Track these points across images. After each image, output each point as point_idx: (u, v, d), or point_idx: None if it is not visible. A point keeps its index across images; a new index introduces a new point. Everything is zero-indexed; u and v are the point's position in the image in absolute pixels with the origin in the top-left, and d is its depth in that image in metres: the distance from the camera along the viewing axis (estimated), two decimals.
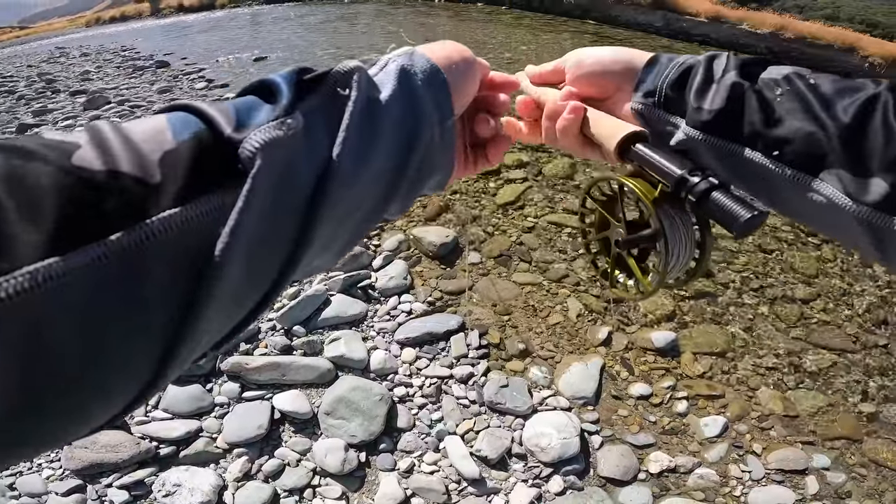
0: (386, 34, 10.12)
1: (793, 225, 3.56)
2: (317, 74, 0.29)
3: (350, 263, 2.65)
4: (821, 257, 3.28)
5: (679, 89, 0.41)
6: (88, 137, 0.21)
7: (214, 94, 6.14)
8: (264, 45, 9.64)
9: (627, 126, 0.43)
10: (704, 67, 0.40)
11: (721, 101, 0.38)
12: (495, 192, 3.54)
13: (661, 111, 0.42)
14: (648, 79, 0.43)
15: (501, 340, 2.34)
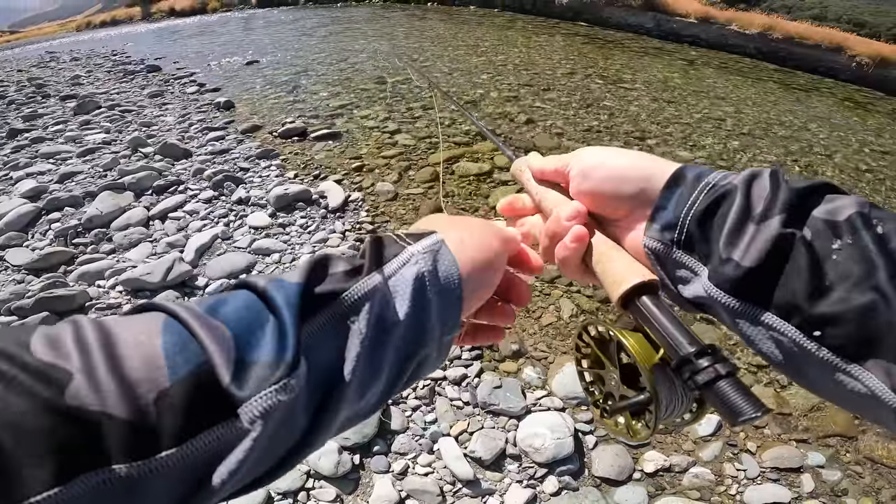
0: (380, 39, 10.12)
1: None
2: (325, 293, 0.29)
3: None
4: None
5: (706, 224, 0.33)
6: (80, 364, 0.21)
7: (206, 98, 6.11)
8: (256, 48, 9.60)
9: (636, 270, 0.37)
10: (742, 196, 0.32)
11: (758, 256, 0.30)
12: (488, 195, 3.54)
13: (681, 251, 0.35)
14: (669, 206, 0.35)
15: (495, 343, 2.34)
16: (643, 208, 0.37)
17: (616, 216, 0.40)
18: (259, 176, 3.75)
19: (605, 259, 0.38)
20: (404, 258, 0.32)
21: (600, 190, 0.40)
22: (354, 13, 14.92)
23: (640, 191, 0.38)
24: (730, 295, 0.31)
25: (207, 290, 2.52)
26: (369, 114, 5.14)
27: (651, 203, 0.37)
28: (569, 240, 0.39)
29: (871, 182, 4.73)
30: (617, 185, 0.39)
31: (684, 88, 7.42)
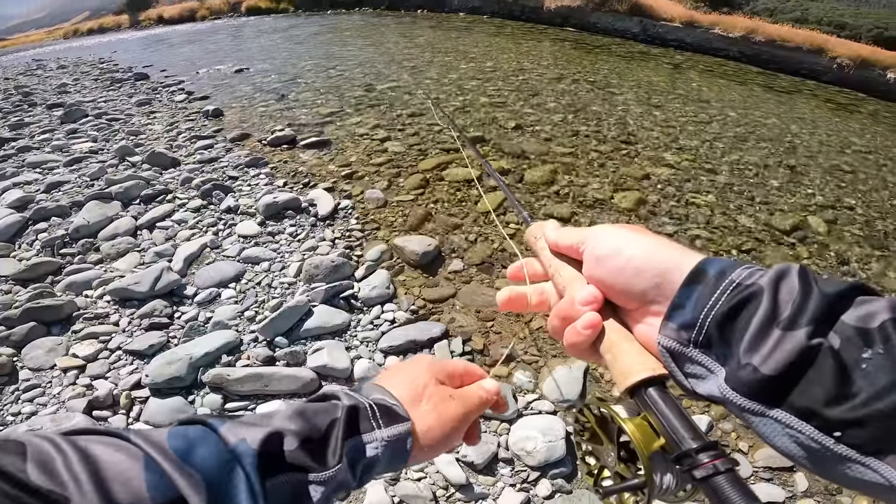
0: (369, 46, 10.14)
1: (768, 225, 3.65)
2: (294, 463, 0.36)
3: (332, 274, 2.64)
4: (796, 255, 3.36)
5: (727, 327, 0.32)
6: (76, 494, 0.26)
7: (194, 106, 6.09)
8: (245, 56, 9.61)
9: (646, 363, 0.36)
10: (768, 300, 0.30)
11: (780, 365, 0.29)
12: (477, 200, 3.56)
13: (697, 350, 0.33)
14: (687, 305, 0.34)
15: (485, 346, 2.35)
16: (657, 303, 0.36)
17: (628, 307, 0.39)
18: (248, 184, 3.74)
19: (616, 348, 0.37)
20: (369, 440, 0.40)
21: (613, 281, 0.38)
22: (345, 20, 14.95)
23: (655, 286, 0.36)
24: (746, 398, 0.30)
25: (196, 299, 2.51)
26: (359, 121, 5.14)
27: (666, 298, 0.35)
28: (581, 326, 0.38)
29: (854, 182, 4.81)
30: (631, 278, 0.37)
31: (670, 92, 7.52)
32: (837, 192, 4.47)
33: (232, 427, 0.35)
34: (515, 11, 16.18)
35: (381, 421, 0.41)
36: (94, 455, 0.28)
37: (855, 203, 4.31)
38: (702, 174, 4.40)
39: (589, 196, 3.75)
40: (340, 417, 0.39)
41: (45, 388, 2.08)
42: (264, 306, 2.47)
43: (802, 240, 3.55)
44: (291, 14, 19.37)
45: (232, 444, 0.33)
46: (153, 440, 0.31)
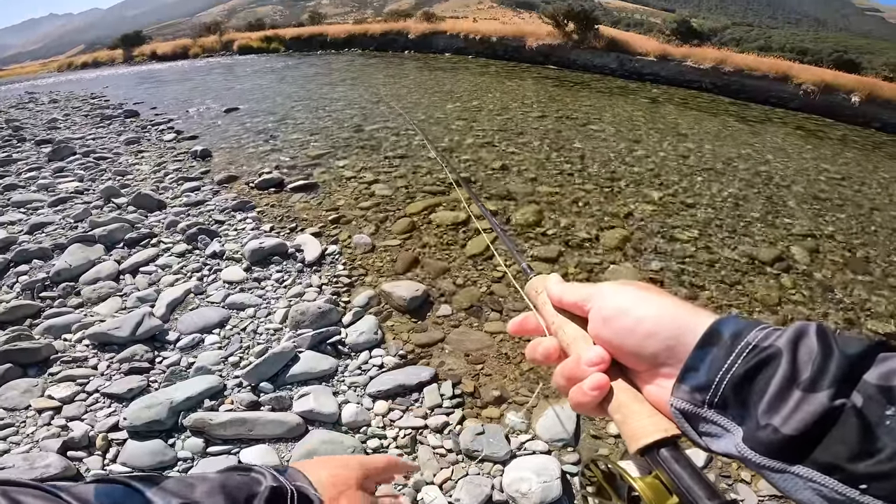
0: (358, 87, 10.40)
1: (751, 257, 3.71)
2: None
3: (319, 321, 2.61)
4: (781, 285, 3.41)
5: (744, 389, 0.31)
6: None
7: (183, 146, 6.13)
8: (236, 95, 9.76)
9: (658, 424, 0.35)
10: (787, 362, 0.30)
11: (801, 426, 0.28)
12: (464, 244, 3.58)
13: (712, 411, 0.33)
14: (702, 368, 0.33)
15: (476, 389, 2.31)
16: (668, 366, 0.35)
17: (637, 368, 0.38)
18: (234, 229, 3.73)
19: (626, 409, 0.37)
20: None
21: (622, 342, 0.37)
22: (335, 61, 15.35)
23: (666, 348, 0.35)
24: (765, 457, 0.30)
25: (179, 344, 2.47)
26: (347, 163, 5.20)
27: (678, 360, 0.34)
28: (588, 387, 0.37)
29: (831, 209, 4.95)
30: (641, 340, 0.36)
31: (649, 127, 7.77)
32: (816, 221, 4.59)
33: (157, 492, 0.34)
34: (499, 51, 16.80)
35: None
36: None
37: (834, 230, 4.42)
38: (683, 209, 4.50)
39: (576, 236, 3.80)
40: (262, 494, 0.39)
41: (18, 428, 2.03)
42: (249, 352, 2.43)
43: (786, 270, 3.61)
44: (283, 54, 19.88)
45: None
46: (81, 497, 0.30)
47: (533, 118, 7.57)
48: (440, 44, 18.56)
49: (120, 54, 26.80)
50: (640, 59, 14.38)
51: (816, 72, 12.62)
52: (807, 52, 17.24)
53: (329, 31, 22.25)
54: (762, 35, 17.44)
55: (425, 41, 18.99)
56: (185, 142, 6.40)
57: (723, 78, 13.00)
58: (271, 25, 30.37)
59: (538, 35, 16.26)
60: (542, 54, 15.90)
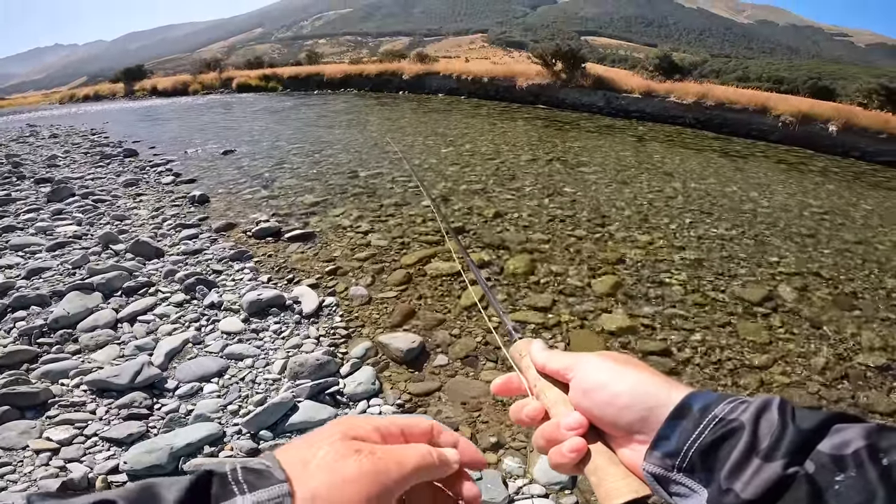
0: (354, 129, 10.66)
1: (740, 298, 3.80)
2: None
3: (317, 372, 2.64)
4: (770, 325, 3.47)
5: (709, 456, 0.35)
6: None
7: (181, 190, 6.22)
8: (233, 136, 9.96)
9: (631, 485, 0.38)
10: (749, 434, 0.34)
11: (758, 489, 0.31)
12: (459, 295, 3.64)
13: (681, 474, 0.36)
14: (672, 437, 0.37)
15: (472, 435, 2.34)
16: (642, 434, 0.39)
17: (613, 434, 0.41)
18: (232, 279, 3.77)
19: (601, 472, 0.40)
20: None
21: (600, 412, 0.41)
22: (331, 102, 15.75)
23: (641, 419, 0.39)
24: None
25: (177, 392, 2.51)
26: (343, 212, 5.29)
27: (651, 430, 0.38)
28: (566, 449, 0.41)
29: (816, 245, 5.08)
30: (618, 411, 0.40)
31: (637, 167, 8.01)
32: (801, 258, 4.70)
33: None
34: (490, 91, 17.34)
35: (246, 485, 0.29)
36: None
37: (819, 266, 4.53)
38: (673, 252, 4.61)
39: (568, 284, 3.87)
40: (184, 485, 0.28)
41: (15, 467, 2.05)
42: (248, 401, 2.46)
43: (775, 309, 3.69)
44: (280, 93, 20.39)
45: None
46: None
47: (524, 161, 7.78)
48: (433, 84, 19.17)
49: (121, 88, 27.25)
50: (625, 97, 14.88)
51: (794, 102, 12.99)
52: (783, 81, 17.93)
53: (326, 71, 22.91)
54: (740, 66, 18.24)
55: (419, 82, 19.61)
56: (183, 185, 6.49)
57: (705, 112, 13.45)
58: (269, 64, 31.25)
59: (528, 75, 16.80)
60: (533, 94, 16.41)
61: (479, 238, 4.68)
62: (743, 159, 9.70)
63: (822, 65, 59.44)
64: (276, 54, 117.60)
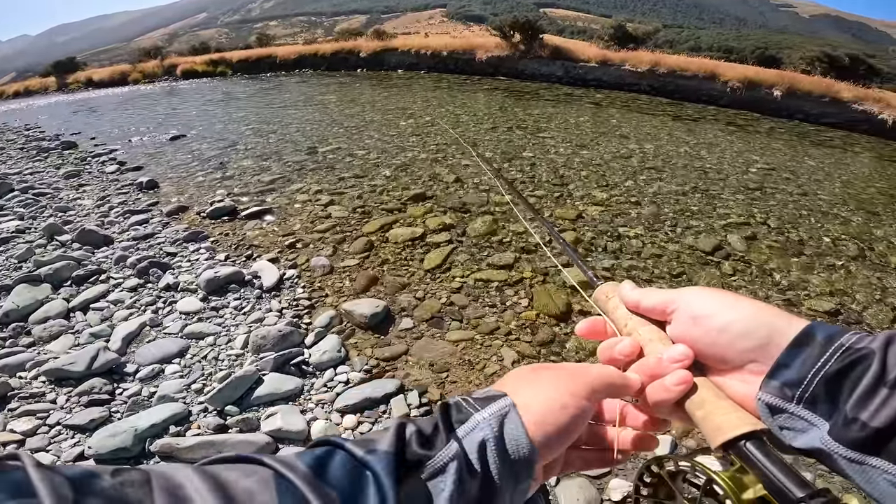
0: (311, 108, 10.34)
1: (693, 248, 3.96)
2: (415, 460, 0.33)
3: (281, 343, 2.61)
4: (722, 273, 3.63)
5: (834, 386, 0.33)
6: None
7: (127, 178, 5.91)
8: (181, 122, 9.44)
9: (743, 418, 0.36)
10: (878, 362, 0.32)
11: (888, 418, 0.30)
12: (422, 258, 3.65)
13: (800, 406, 0.34)
14: (794, 364, 0.35)
15: (442, 396, 2.37)
16: (755, 363, 0.37)
17: (719, 366, 0.39)
18: (188, 260, 3.65)
19: (710, 405, 0.37)
20: (471, 425, 0.35)
21: (712, 339, 0.39)
22: (285, 83, 15.18)
23: (758, 347, 0.37)
24: (849, 449, 0.31)
25: (138, 376, 2.47)
26: (301, 187, 5.17)
27: (767, 359, 0.36)
28: (672, 382, 0.38)
29: (762, 198, 5.34)
30: (733, 339, 0.38)
31: (594, 131, 8.14)
32: (749, 209, 4.93)
33: (359, 441, 0.33)
34: (450, 65, 17.13)
35: (478, 404, 0.37)
36: (225, 481, 0.26)
37: (767, 217, 4.76)
38: (629, 208, 4.75)
39: (529, 242, 3.94)
40: (437, 412, 0.37)
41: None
42: (212, 378, 2.44)
43: (726, 258, 3.87)
44: (230, 78, 19.49)
45: (361, 455, 0.32)
46: (285, 461, 0.30)
47: (485, 130, 7.78)
48: (392, 61, 18.76)
49: (53, 82, 25.43)
50: (583, 66, 15.02)
51: (740, 69, 13.54)
52: (732, 51, 18.53)
53: (278, 53, 22.00)
54: (692, 36, 18.71)
55: (377, 59, 19.14)
56: (129, 173, 6.16)
57: (658, 79, 13.77)
58: (216, 49, 29.68)
59: (487, 47, 16.69)
60: (492, 66, 16.34)
61: (440, 202, 4.68)
62: (694, 122, 10.00)
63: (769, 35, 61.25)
64: (224, 39, 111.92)
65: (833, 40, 74.59)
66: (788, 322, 0.37)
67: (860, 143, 9.86)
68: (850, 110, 11.57)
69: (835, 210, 5.21)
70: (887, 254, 4.21)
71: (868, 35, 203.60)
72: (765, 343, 0.36)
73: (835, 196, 5.79)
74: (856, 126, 11.30)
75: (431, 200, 4.75)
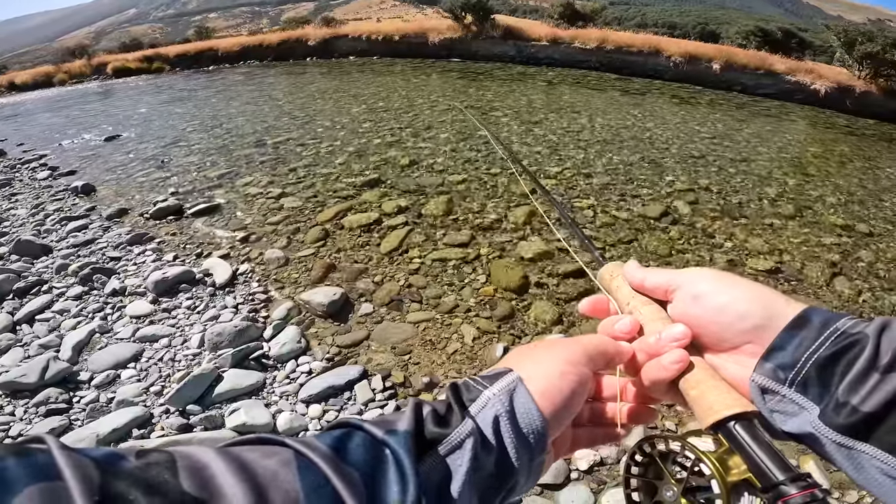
0: (257, 100, 9.97)
1: (642, 215, 4.11)
2: (431, 438, 0.33)
3: (238, 339, 2.57)
4: (670, 237, 3.80)
5: (828, 369, 0.33)
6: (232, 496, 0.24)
7: (61, 183, 5.55)
8: (116, 121, 8.83)
9: (736, 400, 0.36)
10: (871, 347, 0.32)
11: (878, 404, 0.30)
12: (379, 243, 3.64)
13: (791, 390, 0.34)
14: (789, 347, 0.35)
15: (406, 378, 2.40)
16: (751, 344, 0.37)
17: (716, 347, 0.39)
18: (133, 263, 3.50)
19: (704, 385, 0.38)
20: (482, 402, 0.35)
21: (712, 319, 0.39)
22: (229, 76, 14.52)
23: (755, 328, 0.37)
24: (839, 433, 0.31)
25: (93, 383, 2.42)
26: (251, 180, 5.01)
27: (763, 341, 0.36)
28: (669, 361, 0.39)
29: (705, 165, 5.59)
30: (732, 320, 0.38)
31: (547, 108, 8.26)
32: (693, 176, 5.16)
33: (377, 421, 0.33)
34: (403, 49, 16.82)
35: (486, 381, 0.37)
36: (246, 461, 0.26)
37: (709, 182, 5.00)
38: (581, 180, 4.87)
39: (486, 218, 3.99)
40: (448, 392, 0.37)
41: None
42: (170, 380, 2.41)
43: (673, 223, 4.05)
44: (168, 73, 18.45)
45: (380, 435, 0.32)
46: (305, 442, 0.30)
47: (439, 111, 7.75)
48: (343, 47, 18.25)
49: None
50: (534, 45, 15.12)
51: (682, 44, 14.04)
52: (675, 27, 19.15)
53: (220, 46, 20.95)
54: (638, 13, 19.20)
55: (327, 47, 18.56)
56: (62, 178, 5.78)
57: (607, 56, 14.06)
58: (150, 45, 27.96)
59: (440, 30, 16.50)
60: (446, 48, 16.18)
61: (395, 186, 4.66)
62: (641, 96, 10.30)
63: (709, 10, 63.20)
64: (159, 34, 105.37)
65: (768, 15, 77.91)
66: (786, 304, 0.37)
67: (795, 112, 10.44)
68: (784, 81, 12.18)
69: (772, 174, 5.53)
70: (822, 212, 4.52)
71: (801, 10, 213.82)
72: (762, 325, 0.36)
73: (772, 161, 6.14)
74: (790, 96, 11.93)
75: (386, 184, 4.72)
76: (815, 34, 20.38)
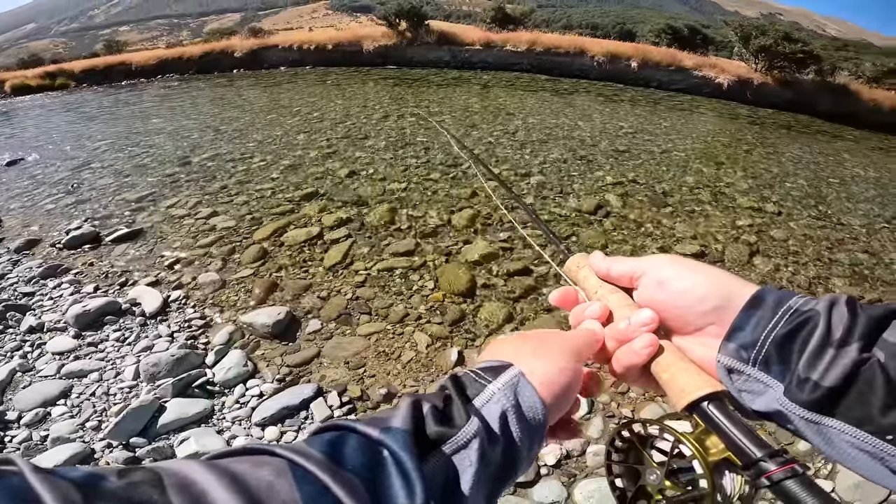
0: (179, 116, 9.39)
1: (578, 210, 4.30)
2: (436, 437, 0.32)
3: (177, 368, 2.43)
4: (605, 229, 3.99)
5: (785, 346, 0.34)
6: None
7: None
8: (17, 143, 7.94)
9: (706, 380, 0.37)
10: (824, 322, 0.33)
11: (837, 378, 0.31)
12: (322, 257, 3.53)
13: (755, 368, 0.36)
14: (748, 327, 0.36)
15: (363, 392, 2.36)
16: (714, 326, 0.39)
17: (682, 330, 0.41)
18: (49, 298, 3.18)
19: (674, 368, 0.39)
20: (486, 397, 0.35)
21: (675, 303, 0.40)
22: (146, 91, 13.56)
23: (717, 309, 0.38)
24: (805, 409, 0.32)
25: (23, 422, 2.25)
26: (176, 201, 4.68)
27: (724, 322, 0.38)
28: (639, 346, 0.40)
29: (631, 159, 5.95)
30: (695, 302, 0.39)
31: (483, 111, 8.45)
32: (621, 170, 5.47)
33: (369, 420, 0.32)
34: (336, 58, 16.56)
35: (489, 375, 0.37)
36: (236, 473, 0.25)
37: (636, 175, 5.33)
38: (519, 179, 5.03)
39: (429, 224, 4.00)
40: (448, 386, 0.36)
41: None
42: (107, 414, 2.27)
43: (606, 216, 4.27)
44: (74, 90, 16.97)
45: (375, 435, 0.30)
46: (295, 448, 0.28)
47: (376, 120, 7.69)
48: (273, 58, 17.66)
49: None
50: (468, 49, 15.45)
51: (604, 44, 14.95)
52: (598, 27, 20.29)
53: (134, 59, 19.57)
54: (564, 15, 20.18)
55: (256, 58, 17.87)
56: None
57: (537, 58, 14.66)
58: (53, 60, 25.63)
59: (374, 37, 16.41)
60: (381, 56, 16.13)
61: (333, 198, 4.55)
62: (570, 95, 10.82)
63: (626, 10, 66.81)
64: (62, 49, 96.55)
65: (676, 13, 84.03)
66: (742, 286, 0.39)
67: (703, 105, 11.38)
68: (693, 76, 13.25)
69: (689, 164, 5.98)
70: (735, 196, 4.95)
71: (703, 6, 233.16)
72: (721, 305, 0.38)
73: (688, 151, 6.65)
74: (699, 90, 13.00)
75: (325, 197, 4.60)
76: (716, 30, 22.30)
